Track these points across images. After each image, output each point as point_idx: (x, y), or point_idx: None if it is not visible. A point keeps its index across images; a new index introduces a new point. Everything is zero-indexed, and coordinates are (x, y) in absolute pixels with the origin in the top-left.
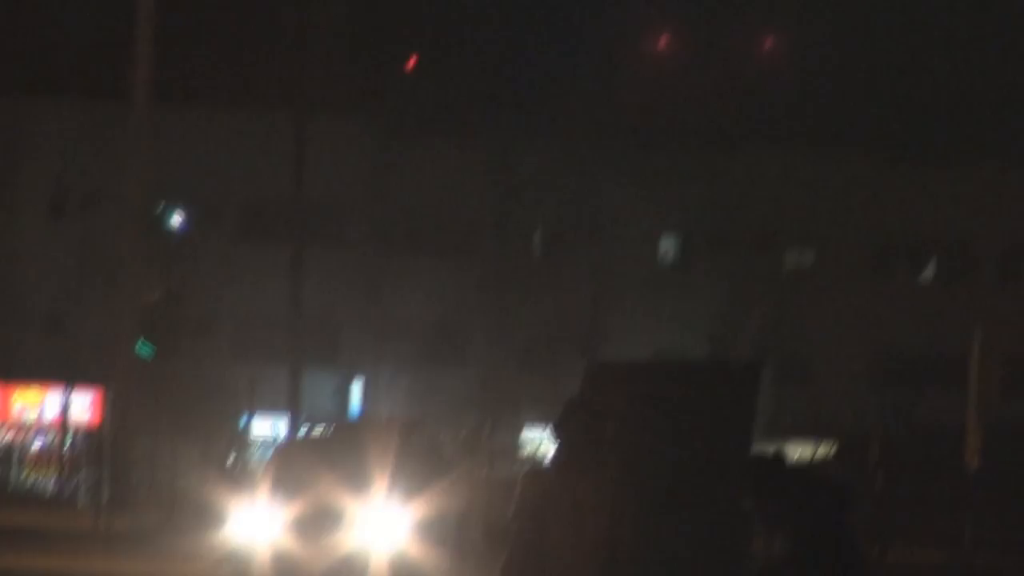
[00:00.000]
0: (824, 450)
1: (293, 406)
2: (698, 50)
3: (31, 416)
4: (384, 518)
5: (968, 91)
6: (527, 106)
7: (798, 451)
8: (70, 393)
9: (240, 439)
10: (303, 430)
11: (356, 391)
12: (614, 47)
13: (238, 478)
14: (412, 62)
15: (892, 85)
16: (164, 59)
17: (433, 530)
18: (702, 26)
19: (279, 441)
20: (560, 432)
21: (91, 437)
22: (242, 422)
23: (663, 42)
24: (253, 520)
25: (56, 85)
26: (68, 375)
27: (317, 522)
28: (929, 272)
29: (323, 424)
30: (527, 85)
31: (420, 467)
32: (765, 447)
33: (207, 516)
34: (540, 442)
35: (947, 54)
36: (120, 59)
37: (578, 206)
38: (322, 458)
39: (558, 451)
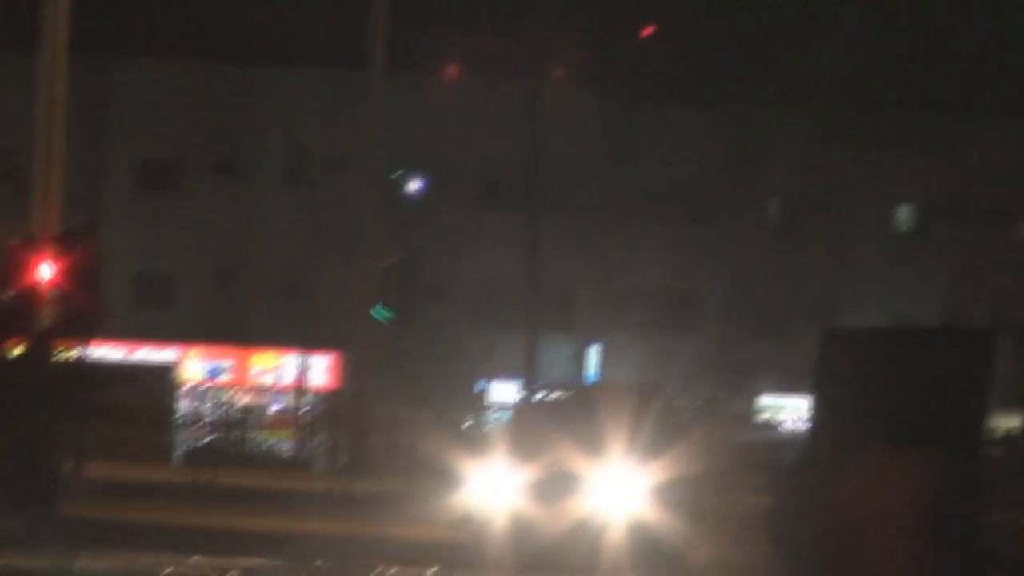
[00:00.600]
0: None
1: (529, 371)
2: (938, 18)
3: (268, 379)
4: (621, 482)
5: None
6: (765, 73)
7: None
8: (307, 357)
9: (477, 404)
10: (540, 394)
11: (592, 357)
12: (851, 12)
13: (475, 442)
14: (649, 30)
15: None
16: (402, 28)
17: (670, 495)
18: None
19: (516, 405)
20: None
21: (328, 401)
22: (479, 387)
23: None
24: (491, 483)
25: (296, 54)
26: (305, 339)
27: (554, 485)
28: None
29: (560, 389)
30: (766, 52)
31: (656, 432)
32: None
33: (444, 480)
34: (775, 408)
35: None
36: (360, 28)
37: (815, 174)
38: (559, 422)
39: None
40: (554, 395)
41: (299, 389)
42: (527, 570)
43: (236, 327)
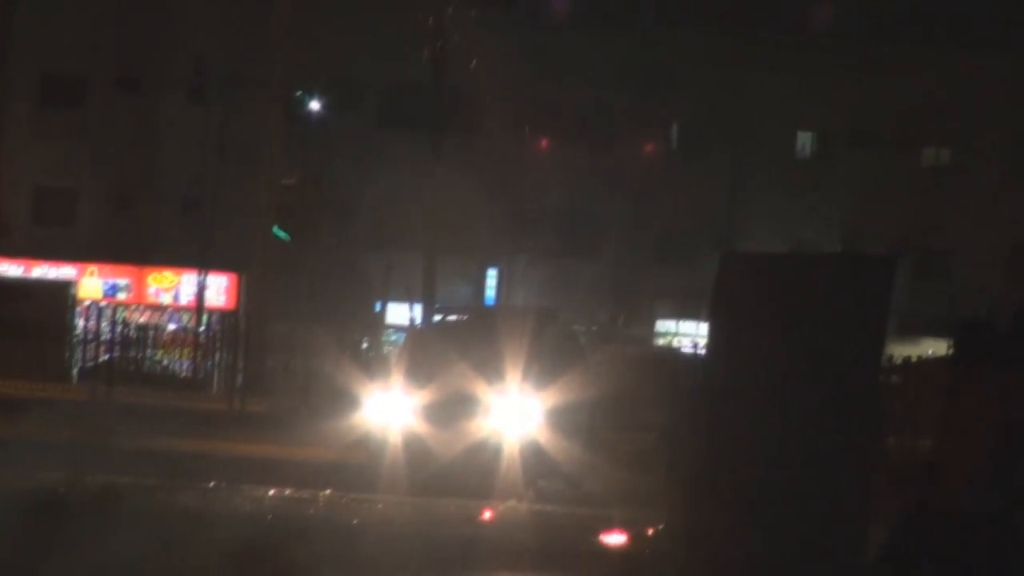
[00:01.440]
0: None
1: (427, 293)
2: None
3: (166, 298)
4: (517, 405)
5: None
6: None
7: (933, 348)
8: (206, 276)
9: (375, 325)
10: (437, 316)
11: (491, 280)
12: None
13: (372, 364)
14: None
15: None
16: None
17: (565, 418)
18: None
19: (414, 327)
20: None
21: (226, 320)
22: (377, 308)
23: None
24: (387, 405)
25: None
26: (205, 259)
27: (450, 407)
28: None
29: (457, 311)
30: None
31: (554, 356)
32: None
33: (342, 401)
34: (674, 333)
35: None
36: None
37: (716, 99)
38: (456, 344)
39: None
40: (452, 317)
41: (197, 308)
42: (422, 492)
43: (136, 245)
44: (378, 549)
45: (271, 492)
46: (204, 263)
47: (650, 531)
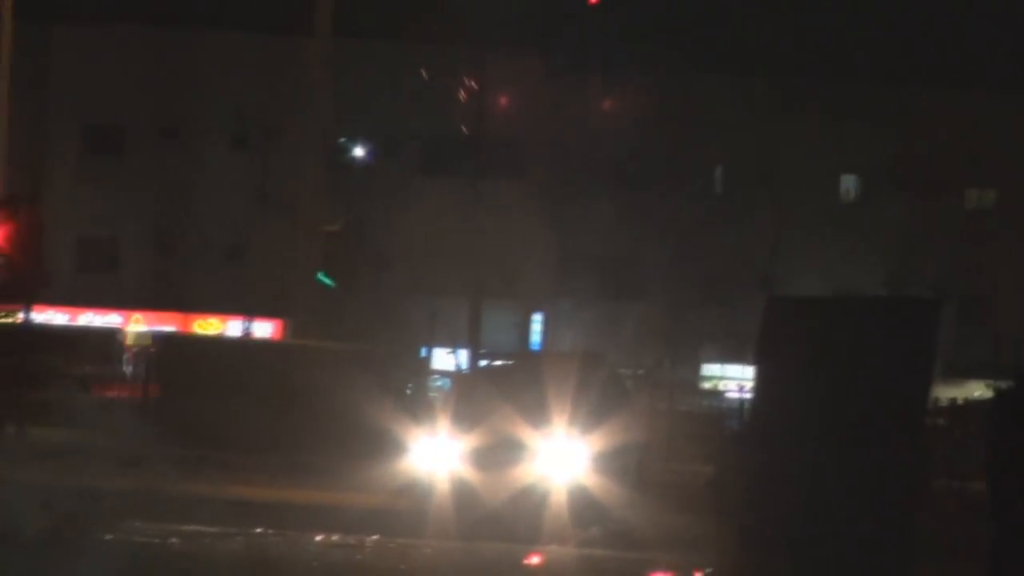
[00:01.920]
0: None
1: (473, 339)
2: None
3: None
4: (564, 450)
5: None
6: (710, 42)
7: (977, 391)
8: (250, 323)
9: (421, 371)
10: (484, 362)
11: (536, 325)
12: None
13: (418, 409)
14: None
15: None
16: None
17: (612, 462)
18: None
19: (460, 372)
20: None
21: None
22: (422, 353)
23: None
24: (433, 450)
25: (240, 19)
26: (248, 306)
27: (497, 453)
28: None
29: (503, 357)
30: (710, 21)
31: (600, 400)
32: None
33: (387, 448)
34: (719, 376)
35: None
36: None
37: (759, 142)
38: (502, 389)
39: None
40: (498, 362)
41: None
42: (469, 538)
43: (179, 292)
44: None
45: (318, 538)
46: (248, 310)
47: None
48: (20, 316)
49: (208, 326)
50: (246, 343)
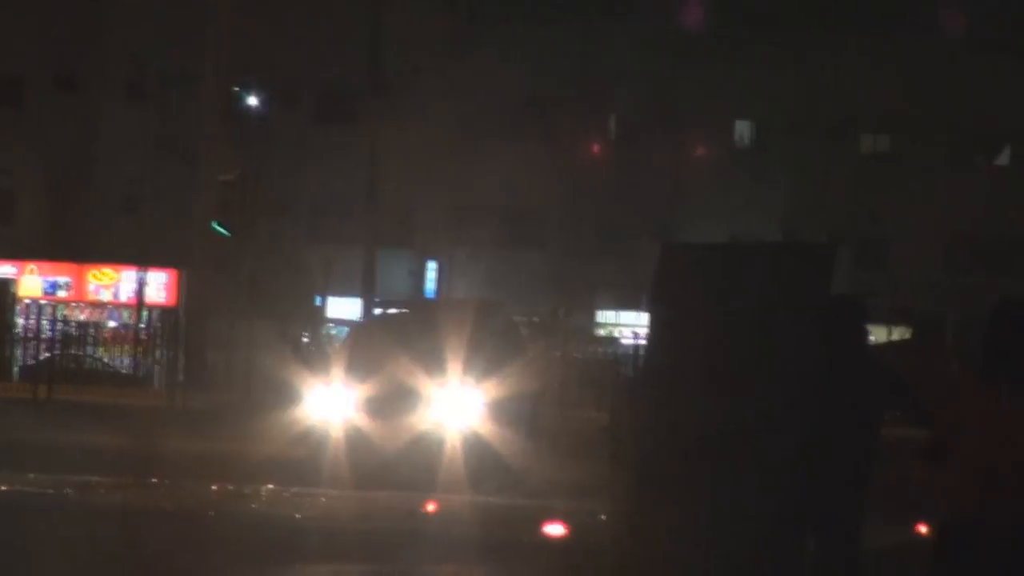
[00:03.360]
0: (900, 334)
1: (368, 287)
2: None
3: (107, 296)
4: (459, 398)
5: None
6: None
7: (873, 335)
8: (145, 273)
9: (315, 319)
10: (378, 310)
11: (431, 273)
12: None
13: (313, 358)
14: None
15: None
16: None
17: (508, 410)
18: None
19: (355, 321)
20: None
21: (166, 317)
22: (317, 302)
23: None
24: (329, 399)
25: None
26: (144, 256)
27: (392, 401)
28: (1005, 157)
29: (398, 305)
30: None
31: (496, 348)
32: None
33: (283, 396)
34: (615, 324)
35: None
36: None
37: (654, 90)
38: (398, 337)
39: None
40: (393, 310)
41: (137, 305)
42: (365, 486)
43: (76, 243)
44: (320, 543)
45: (214, 487)
46: (144, 260)
47: (594, 522)
48: None
49: (103, 276)
50: None
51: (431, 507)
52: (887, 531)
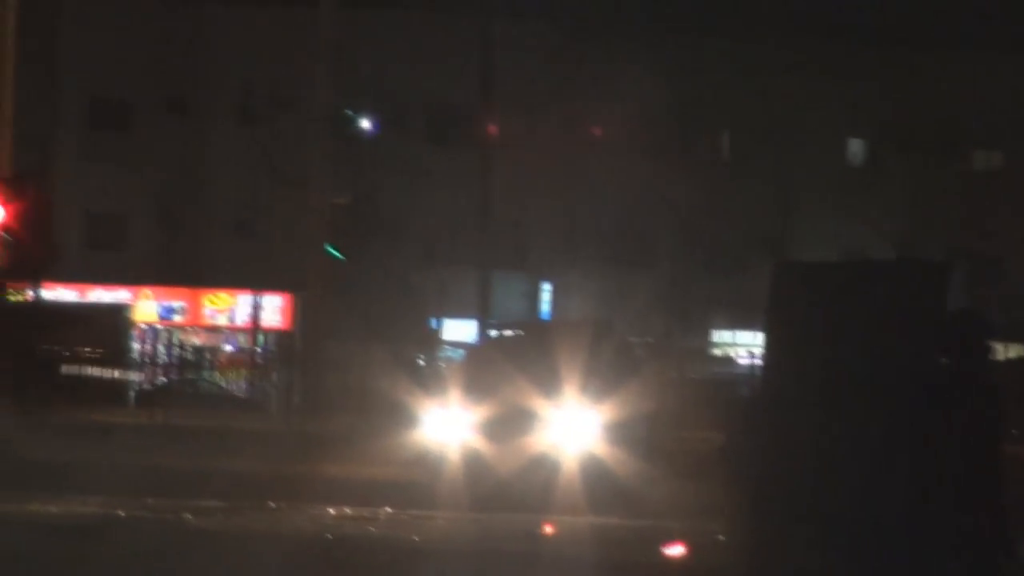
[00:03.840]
0: (1017, 351)
1: (482, 309)
2: None
3: (222, 320)
4: (574, 419)
5: None
6: (712, 5)
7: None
8: (260, 297)
9: (431, 342)
10: (494, 332)
11: (545, 294)
12: None
13: (430, 380)
14: None
15: None
16: None
17: (622, 431)
18: None
19: (471, 343)
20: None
21: (281, 340)
22: (433, 325)
23: None
24: (446, 421)
25: None
26: (258, 279)
27: (508, 423)
28: None
29: (513, 327)
30: None
31: (610, 369)
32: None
33: (399, 418)
34: (730, 344)
35: None
36: None
37: (765, 108)
38: (513, 360)
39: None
40: (508, 332)
41: (253, 329)
42: (482, 508)
43: (189, 267)
44: (438, 566)
45: (331, 511)
46: (258, 284)
47: (712, 542)
48: (29, 294)
49: (218, 300)
50: None
51: (549, 529)
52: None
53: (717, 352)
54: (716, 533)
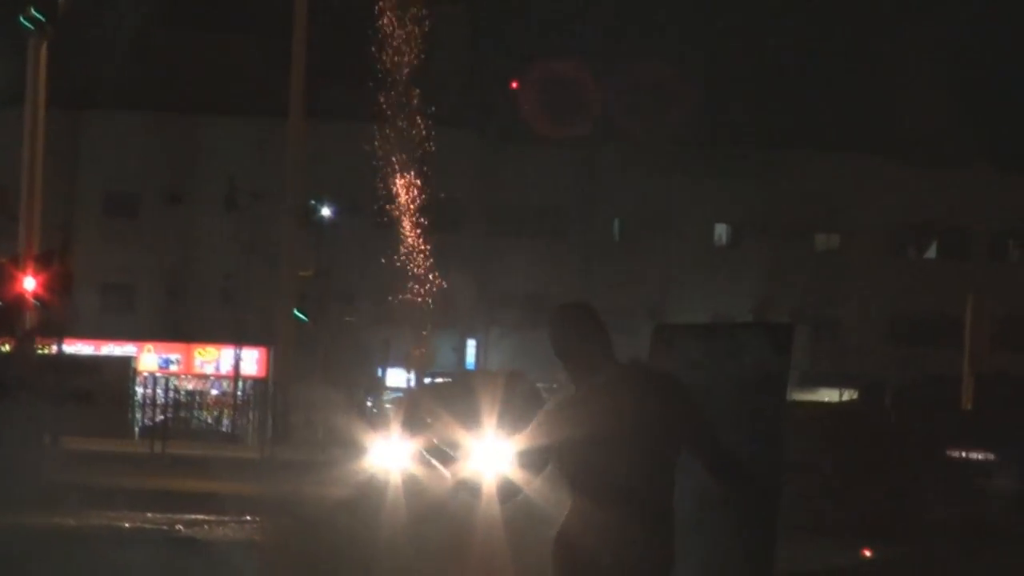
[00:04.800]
0: (848, 395)
1: (419, 361)
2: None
3: (210, 369)
4: (492, 450)
5: (968, 105)
6: (611, 116)
7: (828, 396)
8: (240, 351)
9: (377, 387)
10: (428, 379)
11: (471, 348)
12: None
13: (376, 418)
14: (516, 84)
15: (906, 99)
16: (316, 84)
17: (530, 459)
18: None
19: (409, 388)
20: None
21: (258, 385)
22: (379, 373)
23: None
24: (388, 451)
25: (231, 105)
26: (239, 337)
27: (439, 453)
28: (933, 251)
29: (444, 375)
30: (612, 97)
31: (521, 409)
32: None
33: (351, 449)
34: None
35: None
36: (280, 83)
37: (648, 198)
38: (444, 401)
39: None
40: (440, 379)
41: (234, 376)
42: (419, 521)
43: (183, 327)
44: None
45: (296, 522)
46: (239, 340)
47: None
48: (54, 348)
49: (206, 353)
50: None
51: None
52: (836, 555)
53: None
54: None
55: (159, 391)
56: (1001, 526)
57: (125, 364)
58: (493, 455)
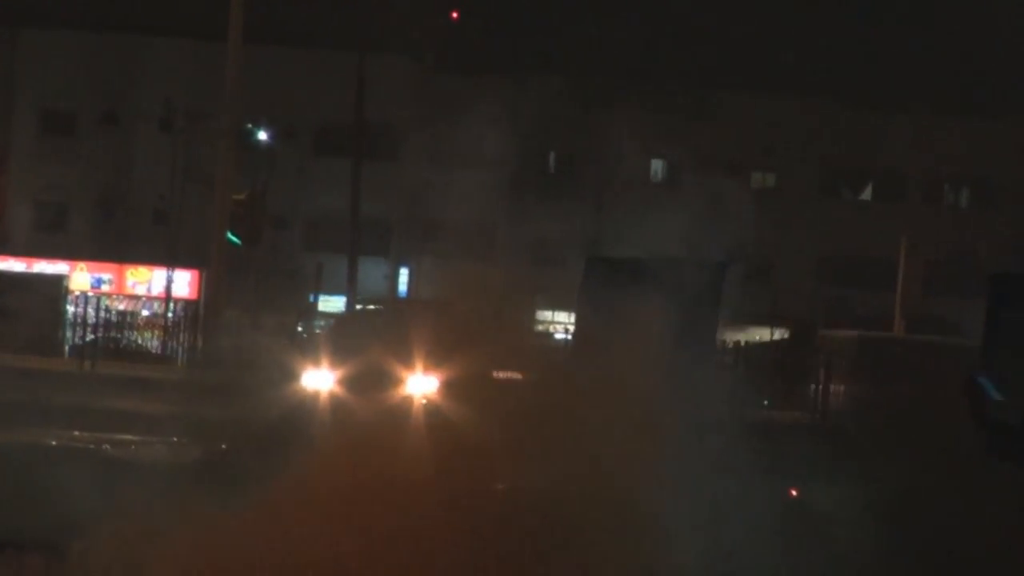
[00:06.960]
0: (779, 334)
1: (350, 288)
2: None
3: (141, 290)
4: (420, 377)
5: (909, 46)
6: (551, 49)
7: (759, 334)
8: (172, 273)
9: (308, 313)
10: (358, 306)
11: (403, 277)
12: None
13: (306, 344)
14: (456, 14)
15: (844, 40)
16: (258, 5)
17: (458, 387)
18: None
19: (339, 314)
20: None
21: (188, 308)
22: (310, 299)
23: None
24: (317, 376)
25: (171, 26)
26: (171, 258)
27: (367, 378)
28: (868, 193)
29: (375, 302)
30: (551, 31)
31: (451, 338)
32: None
33: (281, 373)
34: (549, 320)
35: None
36: (222, 4)
37: (586, 131)
38: (373, 328)
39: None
40: (371, 307)
41: (166, 298)
42: (348, 446)
43: (117, 247)
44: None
45: (223, 446)
46: (171, 262)
47: None
48: None
49: (139, 274)
50: None
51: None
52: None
53: (540, 327)
54: None
55: (90, 310)
56: None
57: (57, 282)
58: (422, 382)
